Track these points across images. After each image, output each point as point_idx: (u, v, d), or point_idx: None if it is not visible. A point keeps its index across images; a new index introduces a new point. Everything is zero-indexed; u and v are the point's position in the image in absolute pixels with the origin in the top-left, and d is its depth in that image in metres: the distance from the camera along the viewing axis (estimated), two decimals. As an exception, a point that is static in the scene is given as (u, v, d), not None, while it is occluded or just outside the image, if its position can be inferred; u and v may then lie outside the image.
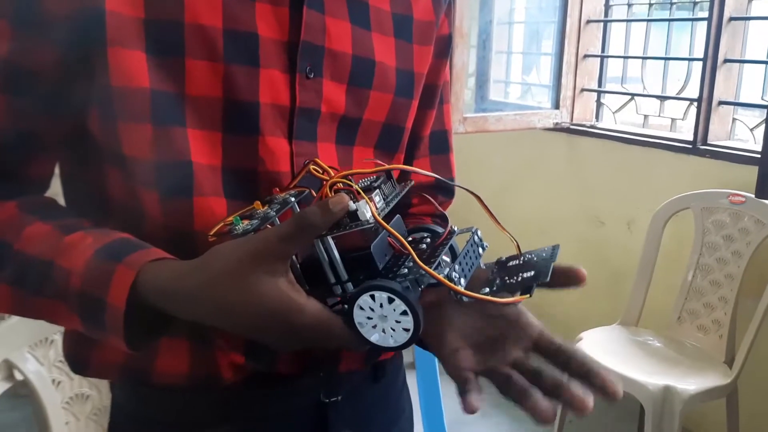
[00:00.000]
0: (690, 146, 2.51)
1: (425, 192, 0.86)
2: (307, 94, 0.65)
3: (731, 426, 2.17)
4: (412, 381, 2.14)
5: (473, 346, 0.62)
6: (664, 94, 2.80)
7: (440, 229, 0.60)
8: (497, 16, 3.36)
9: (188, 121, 0.61)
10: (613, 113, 3.03)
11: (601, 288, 2.94)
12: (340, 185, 0.56)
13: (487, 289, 0.55)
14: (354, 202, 0.52)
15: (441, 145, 0.86)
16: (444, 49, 0.81)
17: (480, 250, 0.59)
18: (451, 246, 0.59)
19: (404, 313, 0.52)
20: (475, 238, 0.59)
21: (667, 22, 2.84)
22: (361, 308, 0.52)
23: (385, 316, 0.52)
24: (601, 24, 2.98)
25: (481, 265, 0.60)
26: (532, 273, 0.56)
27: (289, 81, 0.64)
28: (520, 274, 0.56)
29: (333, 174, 0.58)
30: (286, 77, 0.64)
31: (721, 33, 2.38)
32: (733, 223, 2.23)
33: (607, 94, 3.06)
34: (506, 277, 0.57)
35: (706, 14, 2.43)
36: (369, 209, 0.52)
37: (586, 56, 2.96)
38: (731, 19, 2.39)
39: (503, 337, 0.62)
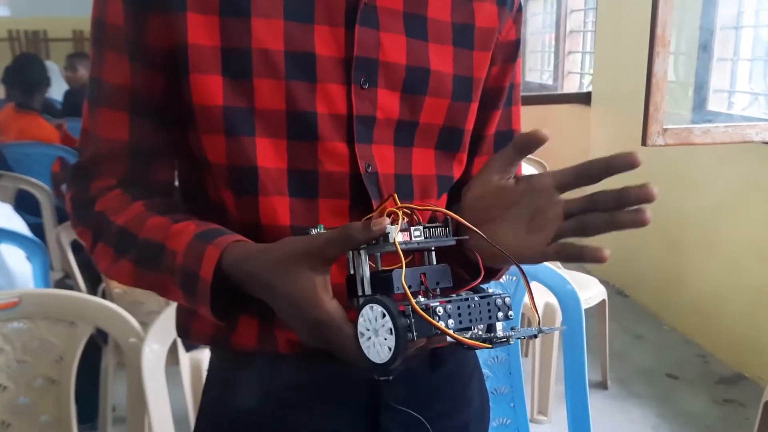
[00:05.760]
0: None
1: None
2: (362, 102, 0.74)
3: None
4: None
5: (531, 230, 0.66)
6: None
7: (483, 287, 0.66)
8: (721, 20, 3.07)
9: (257, 131, 0.72)
10: None
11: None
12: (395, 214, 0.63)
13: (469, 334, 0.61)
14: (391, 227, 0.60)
15: (506, 144, 0.87)
16: (511, 54, 0.85)
17: (499, 314, 0.63)
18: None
19: (390, 331, 0.57)
20: (498, 300, 0.63)
21: None
22: (363, 318, 0.59)
23: (377, 330, 0.58)
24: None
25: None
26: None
27: (347, 92, 0.73)
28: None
29: (399, 205, 0.65)
30: (343, 88, 0.73)
31: None
32: None
33: None
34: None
35: None
36: (396, 235, 0.60)
37: (821, 60, 2.60)
38: None
39: (543, 210, 0.65)
